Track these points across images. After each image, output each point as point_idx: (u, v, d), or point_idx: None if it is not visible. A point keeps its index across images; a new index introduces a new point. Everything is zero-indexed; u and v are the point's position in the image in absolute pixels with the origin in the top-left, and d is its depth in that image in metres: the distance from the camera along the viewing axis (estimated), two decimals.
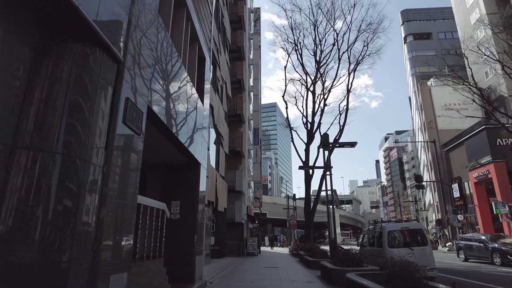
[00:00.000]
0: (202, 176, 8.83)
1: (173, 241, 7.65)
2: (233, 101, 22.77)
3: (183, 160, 8.13)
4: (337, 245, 12.54)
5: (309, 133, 21.85)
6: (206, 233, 14.82)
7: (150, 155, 7.95)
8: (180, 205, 7.99)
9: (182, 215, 7.92)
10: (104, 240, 3.37)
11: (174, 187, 8.19)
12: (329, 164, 13.11)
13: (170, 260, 7.11)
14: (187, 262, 7.60)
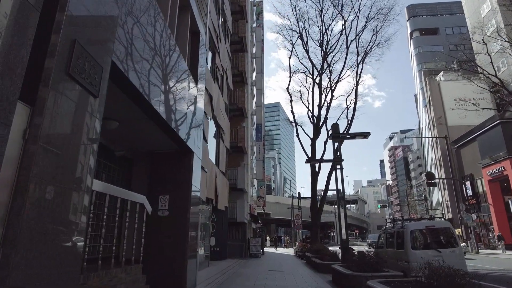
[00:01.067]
0: (196, 167, 7.64)
1: (159, 243, 6.48)
2: (234, 94, 21.60)
3: (172, 147, 6.95)
4: (348, 246, 11.32)
5: (315, 127, 20.63)
6: (205, 234, 13.65)
7: (135, 142, 6.78)
8: (170, 201, 6.80)
9: (171, 212, 6.73)
10: (21, 241, 2.18)
11: (163, 180, 7.00)
12: (339, 156, 11.88)
13: (155, 266, 5.94)
14: (176, 268, 6.41)
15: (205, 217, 13.62)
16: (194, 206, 7.33)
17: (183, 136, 6.63)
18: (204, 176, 11.91)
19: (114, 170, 6.87)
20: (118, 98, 4.62)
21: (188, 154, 7.15)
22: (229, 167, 20.57)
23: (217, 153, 15.64)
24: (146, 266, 6.10)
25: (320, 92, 20.93)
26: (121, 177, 7.13)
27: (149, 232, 6.51)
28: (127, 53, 3.99)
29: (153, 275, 6.12)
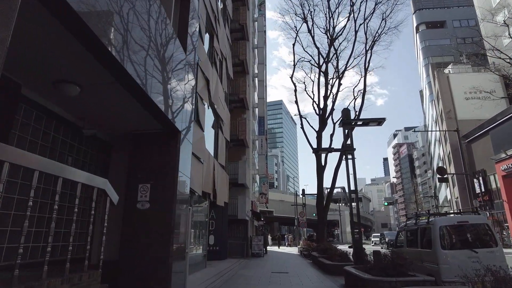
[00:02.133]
0: (185, 151, 6.45)
1: (138, 241, 5.30)
2: (235, 84, 20.39)
3: (155, 127, 5.76)
4: (362, 245, 10.09)
5: (321, 119, 19.38)
6: (203, 232, 12.49)
7: (109, 119, 5.58)
8: (152, 191, 5.62)
9: (154, 204, 5.55)
10: None
11: (144, 166, 5.82)
12: (351, 145, 10.63)
13: (132, 270, 4.78)
14: (159, 271, 5.22)
15: (203, 214, 12.46)
16: (182, 198, 6.13)
17: (168, 114, 5.43)
18: (200, 168, 10.75)
19: (86, 154, 5.69)
20: (74, 51, 3.44)
21: (174, 136, 5.94)
22: (229, 161, 19.40)
23: (216, 145, 14.45)
24: (122, 270, 4.93)
25: (326, 81, 19.69)
26: (97, 164, 5.95)
27: (126, 229, 5.33)
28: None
29: (129, 280, 4.94)
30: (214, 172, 12.93)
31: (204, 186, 11.09)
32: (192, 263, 10.36)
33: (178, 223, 5.77)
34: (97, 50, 3.46)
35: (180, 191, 5.90)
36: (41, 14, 2.81)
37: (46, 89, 4.30)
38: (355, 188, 10.32)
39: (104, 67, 3.84)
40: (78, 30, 3.09)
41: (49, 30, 3.12)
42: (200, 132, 10.71)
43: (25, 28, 3.04)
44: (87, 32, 3.10)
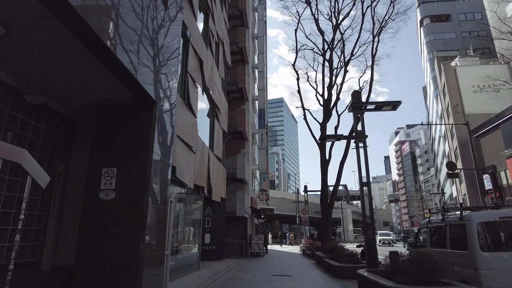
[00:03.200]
0: (164, 128, 5.22)
1: (100, 241, 4.08)
2: (233, 73, 19.14)
3: (125, 97, 4.54)
4: (375, 245, 8.88)
5: (325, 109, 18.12)
6: (197, 230, 11.30)
7: (61, 84, 4.35)
8: (119, 177, 4.40)
9: (121, 194, 4.33)
10: None
11: (109, 145, 4.60)
12: (363, 131, 9.39)
13: (90, 277, 3.58)
14: (124, 280, 4.00)
15: (197, 210, 11.25)
16: (160, 186, 4.91)
17: (140, 78, 4.20)
18: (192, 158, 9.54)
19: (38, 130, 4.46)
20: None
21: (149, 107, 4.71)
22: (227, 155, 18.19)
23: (211, 135, 13.24)
24: (78, 278, 3.70)
25: (331, 70, 18.40)
26: (55, 144, 4.73)
27: (86, 226, 4.11)
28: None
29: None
30: (209, 164, 11.72)
31: (197, 179, 9.89)
32: (182, 264, 9.16)
33: (154, 218, 4.55)
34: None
35: (156, 178, 4.67)
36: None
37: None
38: (368, 180, 9.09)
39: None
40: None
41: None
42: (191, 118, 9.49)
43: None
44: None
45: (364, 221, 8.95)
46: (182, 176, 8.12)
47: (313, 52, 20.11)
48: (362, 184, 9.00)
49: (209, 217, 14.89)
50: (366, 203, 9.08)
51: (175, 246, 8.45)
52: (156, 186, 4.64)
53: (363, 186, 8.99)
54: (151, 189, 4.44)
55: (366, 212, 9.04)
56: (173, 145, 7.47)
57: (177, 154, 7.82)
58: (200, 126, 12.07)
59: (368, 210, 8.96)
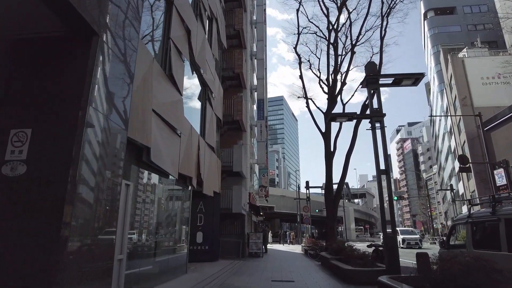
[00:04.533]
0: (114, 73, 3.67)
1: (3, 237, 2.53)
2: (230, 57, 17.60)
3: (53, 27, 2.99)
4: (397, 245, 7.36)
5: (330, 97, 16.58)
6: (182, 227, 9.77)
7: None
8: (35, 143, 2.86)
9: (34, 168, 2.79)
10: None
11: (27, 96, 3.05)
12: (379, 109, 7.86)
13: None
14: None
15: (183, 204, 9.73)
16: (103, 159, 3.36)
17: None
18: (176, 142, 8.02)
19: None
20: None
21: (85, 41, 3.15)
22: (223, 147, 16.68)
23: (203, 120, 11.71)
24: None
25: (336, 53, 16.87)
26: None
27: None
28: None
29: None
30: (199, 152, 10.20)
31: (183, 167, 8.36)
32: (165, 268, 7.65)
33: (93, 207, 3.02)
34: None
35: (96, 146, 3.14)
36: None
37: None
38: (386, 167, 7.56)
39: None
40: None
41: None
42: (174, 94, 7.97)
43: None
44: None
45: (383, 216, 7.43)
46: (160, 161, 6.60)
47: (316, 37, 18.63)
48: (379, 172, 7.47)
49: (201, 213, 13.39)
50: (385, 195, 7.56)
51: (152, 247, 6.93)
52: (96, 158, 3.12)
53: (380, 175, 7.46)
54: (87, 163, 2.92)
55: (384, 206, 7.53)
56: (146, 118, 5.96)
57: (153, 133, 6.30)
58: (189, 109, 10.55)
59: (388, 203, 7.43)
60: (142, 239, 6.45)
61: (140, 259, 6.25)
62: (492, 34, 52.93)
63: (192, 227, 13.11)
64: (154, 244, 7.05)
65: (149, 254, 6.72)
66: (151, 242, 6.86)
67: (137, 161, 6.15)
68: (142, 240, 6.44)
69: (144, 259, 6.50)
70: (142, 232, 6.45)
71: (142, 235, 6.47)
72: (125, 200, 4.20)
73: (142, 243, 6.39)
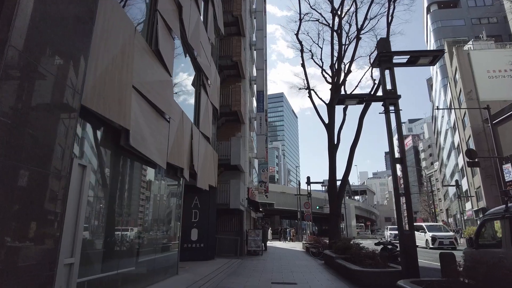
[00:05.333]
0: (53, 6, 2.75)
1: None
2: (227, 45, 16.66)
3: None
4: (415, 244, 6.48)
5: (333, 86, 15.66)
6: (174, 223, 8.92)
7: None
8: None
9: None
10: None
11: None
12: (394, 90, 6.97)
13: None
14: None
15: (174, 197, 8.87)
16: (33, 122, 2.46)
17: None
18: (164, 127, 7.13)
19: None
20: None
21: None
22: (221, 140, 15.79)
23: (197, 108, 10.81)
24: None
25: (340, 40, 15.94)
26: None
27: None
28: None
29: None
30: (192, 142, 9.31)
31: (173, 157, 7.48)
32: (152, 269, 6.79)
33: (13, 193, 2.12)
34: None
35: (14, 100, 2.23)
36: None
37: None
38: (402, 154, 6.67)
39: None
40: None
41: None
42: (162, 73, 7.06)
43: None
44: None
45: (398, 209, 6.55)
46: (143, 147, 5.72)
47: (318, 26, 17.67)
48: (394, 161, 6.58)
49: (196, 209, 12.54)
50: (399, 187, 6.69)
51: (135, 246, 6.06)
52: (17, 115, 2.22)
53: (395, 164, 6.57)
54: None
55: (399, 199, 6.65)
56: (124, 95, 5.06)
57: (134, 113, 5.42)
58: (181, 95, 9.66)
59: (404, 197, 6.55)
60: (122, 236, 5.58)
61: (118, 259, 5.38)
62: (497, 28, 51.93)
63: (187, 223, 12.26)
64: (138, 242, 6.18)
65: (130, 253, 5.85)
66: (133, 240, 5.99)
67: (115, 145, 5.27)
68: (122, 237, 5.57)
69: (124, 259, 5.63)
70: (121, 228, 5.58)
71: (122, 232, 5.60)
72: (80, 186, 3.33)
73: (121, 241, 5.52)
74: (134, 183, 6.19)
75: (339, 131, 15.49)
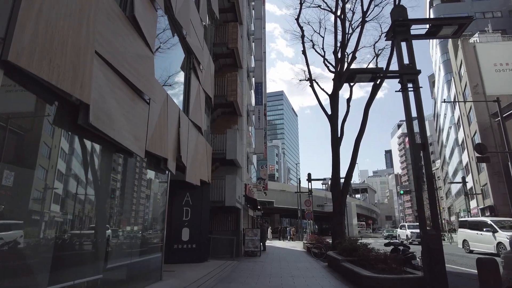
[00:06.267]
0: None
1: None
2: (223, 31, 15.58)
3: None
4: (442, 246, 5.43)
5: (337, 75, 14.58)
6: (157, 221, 7.88)
7: None
8: None
9: None
10: None
11: None
12: (412, 64, 5.91)
13: None
14: None
15: (157, 191, 7.83)
16: None
17: None
18: (143, 109, 6.08)
19: None
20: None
21: None
22: (216, 133, 14.73)
23: (186, 93, 9.73)
24: None
25: (344, 27, 14.84)
26: None
27: None
28: None
29: None
30: (179, 131, 8.24)
31: (153, 145, 6.41)
32: (128, 276, 5.75)
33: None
34: None
35: None
36: None
37: None
38: (424, 139, 5.62)
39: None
40: None
41: None
42: (140, 47, 6.00)
43: None
44: None
45: (420, 204, 5.50)
46: (109, 128, 4.66)
47: (319, 13, 16.57)
48: (415, 148, 5.53)
49: (188, 206, 11.48)
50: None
51: (102, 249, 5.01)
52: None
53: (417, 151, 5.52)
54: None
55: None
56: (82, 61, 3.99)
57: (96, 85, 4.36)
58: (167, 77, 8.59)
59: (427, 190, 5.50)
60: (82, 238, 4.52)
61: (77, 267, 4.33)
62: (501, 22, 50.78)
63: (177, 222, 11.23)
64: (107, 244, 5.13)
65: (94, 258, 4.80)
66: (99, 242, 4.93)
67: (73, 124, 4.22)
68: (82, 239, 4.52)
69: (87, 265, 4.58)
70: (82, 228, 4.53)
71: (83, 232, 4.55)
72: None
73: (80, 244, 4.47)
74: (102, 174, 5.14)
75: (342, 123, 14.43)
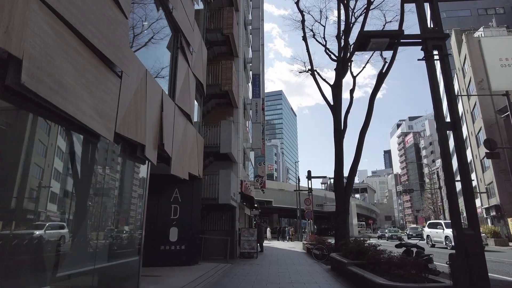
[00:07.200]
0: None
1: None
2: (217, 17, 14.51)
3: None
4: (483, 248, 4.35)
5: (340, 62, 13.53)
6: (133, 219, 6.79)
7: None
8: None
9: None
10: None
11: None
12: (438, 28, 4.85)
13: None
14: None
15: (139, 188, 6.76)
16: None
17: None
18: (113, 83, 5.00)
19: None
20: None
21: None
22: (210, 126, 13.66)
23: (172, 75, 8.66)
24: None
25: (347, 11, 13.80)
26: None
27: None
28: None
29: None
30: (162, 114, 7.17)
31: (125, 127, 5.34)
32: (92, 285, 4.68)
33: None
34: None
35: None
36: None
37: None
38: (453, 117, 4.55)
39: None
40: None
41: None
42: (109, 6, 4.92)
43: None
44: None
45: (450, 198, 4.44)
46: (58, 96, 3.59)
47: (320, 1, 15.42)
48: (442, 126, 4.46)
49: (176, 204, 10.41)
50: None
51: (52, 255, 3.94)
52: None
53: (445, 129, 4.45)
54: None
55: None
56: (16, 4, 2.91)
57: (38, 40, 3.30)
58: (149, 53, 7.52)
59: (460, 180, 4.44)
60: (18, 239, 3.45)
61: (13, 277, 3.25)
62: (504, 18, 49.90)
63: (164, 221, 10.16)
64: (55, 246, 4.05)
65: (39, 265, 3.73)
66: (44, 244, 3.86)
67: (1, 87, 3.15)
68: (18, 241, 3.45)
69: (30, 274, 3.51)
70: (20, 228, 3.46)
71: (20, 232, 3.48)
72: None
73: (14, 248, 3.40)
74: (51, 158, 4.06)
75: (345, 115, 13.37)
